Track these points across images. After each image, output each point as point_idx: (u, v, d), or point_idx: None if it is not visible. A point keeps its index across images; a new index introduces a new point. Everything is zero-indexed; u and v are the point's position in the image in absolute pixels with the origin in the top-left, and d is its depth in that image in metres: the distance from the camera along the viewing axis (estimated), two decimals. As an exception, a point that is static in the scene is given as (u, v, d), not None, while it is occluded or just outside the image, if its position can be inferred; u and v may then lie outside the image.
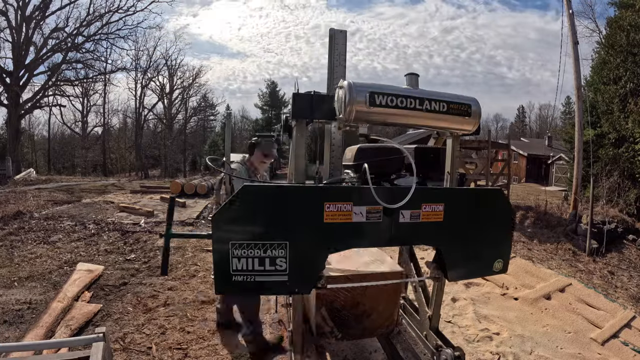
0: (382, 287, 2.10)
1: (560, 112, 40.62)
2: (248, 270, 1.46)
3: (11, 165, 19.15)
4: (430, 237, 1.69)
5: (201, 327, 3.41)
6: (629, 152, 10.61)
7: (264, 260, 1.46)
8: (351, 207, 1.50)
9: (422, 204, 1.59)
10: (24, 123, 31.11)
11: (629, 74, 10.90)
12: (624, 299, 4.98)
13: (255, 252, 1.45)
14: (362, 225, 1.53)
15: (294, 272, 1.49)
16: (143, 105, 37.08)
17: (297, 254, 1.48)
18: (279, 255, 1.46)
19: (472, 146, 12.66)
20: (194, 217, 8.30)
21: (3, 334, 3.14)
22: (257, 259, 1.46)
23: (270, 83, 46.63)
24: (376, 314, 2.16)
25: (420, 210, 1.60)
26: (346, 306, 2.08)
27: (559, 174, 23.24)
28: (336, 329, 2.09)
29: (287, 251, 1.47)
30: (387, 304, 2.18)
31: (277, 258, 1.46)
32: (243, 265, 1.46)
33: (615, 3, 12.50)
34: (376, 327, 2.21)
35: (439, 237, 1.68)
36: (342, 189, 1.60)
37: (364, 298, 2.10)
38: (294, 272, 1.49)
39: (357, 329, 2.15)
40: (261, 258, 1.46)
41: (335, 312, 2.07)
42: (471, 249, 1.74)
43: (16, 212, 8.11)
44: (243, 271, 1.46)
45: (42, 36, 23.21)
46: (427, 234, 1.65)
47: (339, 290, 2.03)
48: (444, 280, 1.93)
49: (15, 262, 4.96)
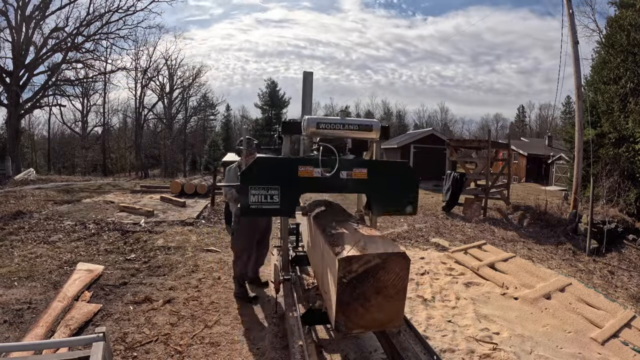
0: (393, 276, 2.06)
1: (560, 112, 40.66)
2: (258, 201, 2.59)
3: (11, 165, 19.16)
4: (360, 187, 2.85)
5: (201, 324, 3.41)
6: (629, 152, 10.60)
7: (266, 196, 2.59)
8: (312, 169, 2.66)
9: (354, 168, 2.74)
10: (24, 123, 31.18)
11: (629, 73, 10.89)
12: (624, 299, 4.97)
13: (262, 191, 2.58)
14: (319, 179, 2.67)
15: (282, 203, 2.62)
16: (143, 105, 37.10)
17: (284, 193, 2.62)
18: (274, 193, 2.60)
19: (472, 146, 12.67)
20: (194, 217, 8.30)
21: (3, 334, 3.14)
22: (262, 195, 2.59)
23: (270, 83, 46.60)
24: (388, 305, 2.11)
25: (352, 171, 2.73)
26: (366, 293, 2.03)
27: (559, 173, 23.23)
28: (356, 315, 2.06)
29: (279, 191, 2.61)
30: (397, 294, 2.13)
31: (273, 195, 2.60)
32: (256, 199, 2.58)
33: (615, 3, 12.49)
34: (385, 321, 2.16)
35: (365, 188, 2.82)
36: (308, 159, 2.77)
37: (380, 283, 2.05)
38: (282, 203, 2.62)
39: (367, 319, 2.11)
40: (264, 195, 2.59)
41: (356, 299, 2.02)
42: (385, 196, 2.82)
43: (16, 212, 8.12)
44: (255, 202, 2.58)
45: (42, 36, 23.19)
46: (357, 185, 2.78)
47: (360, 276, 2.00)
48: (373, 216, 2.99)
49: (15, 262, 4.96)
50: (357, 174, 2.73)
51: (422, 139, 21.83)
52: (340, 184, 2.71)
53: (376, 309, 2.09)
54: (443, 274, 5.12)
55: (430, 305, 4.10)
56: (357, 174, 2.73)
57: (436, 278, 4.93)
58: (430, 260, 5.74)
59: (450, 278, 4.94)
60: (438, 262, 5.64)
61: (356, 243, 2.12)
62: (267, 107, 46.06)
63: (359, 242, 2.15)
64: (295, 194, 2.69)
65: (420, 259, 5.81)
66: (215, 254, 5.74)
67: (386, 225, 8.25)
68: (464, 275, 5.09)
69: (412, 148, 21.06)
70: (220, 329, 3.40)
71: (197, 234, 6.92)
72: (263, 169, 2.58)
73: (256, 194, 2.57)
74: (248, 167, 2.58)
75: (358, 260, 1.99)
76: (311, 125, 2.77)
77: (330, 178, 2.66)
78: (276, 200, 2.60)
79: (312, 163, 2.66)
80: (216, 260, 5.43)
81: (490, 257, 5.63)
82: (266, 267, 5.18)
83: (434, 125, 53.46)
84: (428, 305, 4.07)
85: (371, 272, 2.02)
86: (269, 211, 2.63)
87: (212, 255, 5.68)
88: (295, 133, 3.03)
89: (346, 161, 2.76)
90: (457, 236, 7.70)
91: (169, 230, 7.14)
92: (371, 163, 2.86)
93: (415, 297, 4.25)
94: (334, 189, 2.79)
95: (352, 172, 2.72)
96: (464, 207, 10.19)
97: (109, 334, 2.76)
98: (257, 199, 2.57)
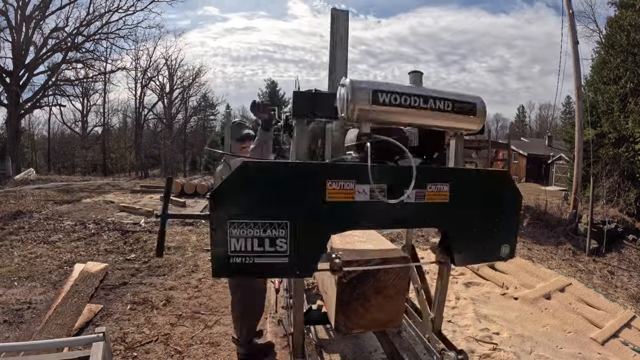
0: (394, 276, 2.06)
1: (560, 112, 40.64)
2: (247, 251, 1.39)
3: (11, 165, 19.16)
4: (435, 219, 1.63)
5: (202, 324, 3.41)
6: (629, 152, 10.61)
7: (263, 241, 1.40)
8: (354, 185, 1.44)
9: (427, 184, 1.54)
10: (24, 123, 31.14)
11: (629, 73, 10.90)
12: (624, 299, 4.97)
13: (255, 231, 1.40)
14: (365, 205, 1.47)
15: (295, 253, 1.43)
16: (143, 105, 37.10)
17: (298, 234, 1.42)
18: (279, 235, 1.41)
19: (472, 146, 12.67)
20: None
21: (3, 334, 3.14)
22: (256, 239, 1.40)
23: (270, 83, 46.62)
24: (388, 305, 2.12)
25: (425, 190, 1.54)
26: (366, 293, 2.02)
27: (559, 173, 23.23)
28: (357, 317, 2.04)
29: (288, 231, 1.41)
30: (397, 294, 2.14)
31: (277, 238, 1.41)
32: (242, 246, 1.39)
33: (615, 3, 12.50)
34: (385, 321, 2.16)
35: (445, 219, 1.62)
36: (345, 166, 1.50)
37: (380, 283, 2.04)
38: (295, 254, 1.42)
39: (367, 320, 2.11)
40: (261, 238, 1.40)
41: (356, 299, 2.02)
42: (478, 231, 1.67)
43: (16, 212, 8.12)
44: (242, 252, 1.39)
45: (42, 36, 23.20)
46: (432, 214, 1.60)
47: (360, 276, 1.99)
48: (449, 266, 1.91)
49: (15, 262, 4.96)
50: (433, 196, 1.56)
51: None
52: (403, 214, 1.55)
53: (376, 309, 2.09)
54: (443, 274, 5.12)
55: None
56: (434, 196, 1.56)
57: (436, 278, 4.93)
58: (430, 260, 5.74)
59: (450, 278, 4.94)
60: (438, 262, 5.64)
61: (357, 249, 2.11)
62: (267, 107, 45.94)
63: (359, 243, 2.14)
64: (320, 236, 1.47)
65: (420, 259, 5.81)
66: (215, 254, 5.74)
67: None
68: (463, 275, 5.09)
69: (412, 148, 20.98)
70: (220, 329, 3.40)
71: (197, 234, 6.92)
72: (256, 184, 1.40)
73: (242, 235, 1.39)
74: (226, 180, 1.39)
75: (358, 260, 1.99)
76: (361, 96, 1.43)
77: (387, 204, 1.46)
78: (282, 248, 1.43)
79: (354, 174, 1.46)
80: (216, 260, 5.42)
81: (490, 257, 5.63)
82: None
83: (434, 125, 53.33)
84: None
85: (371, 273, 2.02)
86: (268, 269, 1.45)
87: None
88: (320, 116, 1.68)
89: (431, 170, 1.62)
90: (457, 236, 7.70)
91: (169, 230, 7.14)
92: (455, 173, 1.66)
93: (415, 297, 4.25)
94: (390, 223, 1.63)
95: (425, 190, 1.55)
96: (464, 207, 10.19)
97: (109, 334, 2.76)
98: (244, 246, 1.40)
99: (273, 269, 1.45)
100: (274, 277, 2.82)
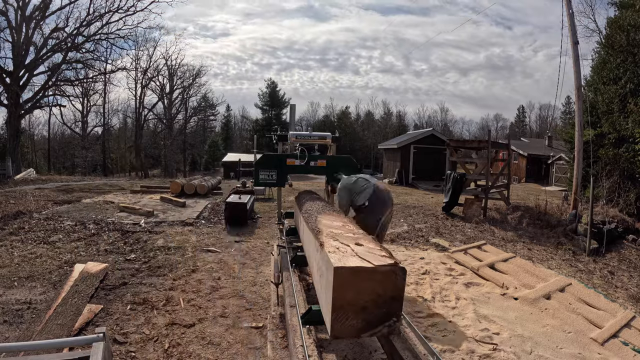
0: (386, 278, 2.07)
1: (560, 112, 40.66)
2: (264, 178, 4.84)
3: (11, 165, 19.16)
4: (320, 171, 4.92)
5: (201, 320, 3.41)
6: (629, 152, 10.58)
7: (269, 175, 4.83)
8: (294, 160, 4.86)
9: (318, 160, 4.86)
10: (24, 123, 31.19)
11: (629, 74, 10.87)
12: (624, 299, 4.97)
13: (266, 172, 4.84)
14: (298, 166, 4.87)
15: (278, 179, 4.87)
16: (143, 105, 37.14)
17: (278, 173, 4.84)
18: (273, 173, 4.83)
19: (472, 146, 12.66)
20: (194, 217, 8.30)
21: (3, 334, 3.14)
22: (266, 174, 4.83)
23: (270, 83, 46.62)
24: (384, 305, 2.11)
25: (317, 161, 4.86)
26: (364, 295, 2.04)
27: (559, 174, 23.22)
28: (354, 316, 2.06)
29: (276, 173, 4.83)
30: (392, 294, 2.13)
31: (272, 174, 4.83)
32: (263, 177, 4.84)
33: (615, 3, 12.49)
34: (379, 322, 2.15)
35: (324, 171, 4.90)
36: (292, 154, 4.95)
37: (373, 284, 2.05)
38: (278, 179, 4.87)
39: (360, 320, 2.10)
40: (267, 174, 4.83)
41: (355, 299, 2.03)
42: (336, 174, 4.54)
43: (16, 212, 8.11)
44: (263, 179, 4.85)
45: (42, 36, 23.21)
46: (320, 170, 4.88)
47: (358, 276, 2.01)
48: (327, 185, 5.14)
49: (15, 262, 4.96)
50: (320, 163, 4.86)
51: (422, 139, 21.80)
52: (310, 169, 4.87)
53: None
54: (443, 274, 5.11)
55: (430, 305, 4.10)
56: (320, 163, 4.86)
57: (436, 278, 4.93)
58: (430, 260, 5.74)
59: (450, 278, 4.94)
60: (438, 262, 5.64)
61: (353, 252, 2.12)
62: (267, 108, 46.08)
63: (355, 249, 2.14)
64: (285, 174, 4.94)
65: (420, 259, 5.81)
66: (215, 254, 5.75)
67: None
68: (464, 275, 5.09)
69: (412, 148, 21.03)
70: (220, 329, 3.40)
71: (197, 234, 6.92)
72: (268, 160, 4.88)
73: (263, 173, 4.80)
74: (259, 159, 4.91)
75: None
76: (292, 137, 5.21)
77: (304, 165, 4.83)
78: (274, 177, 4.83)
79: (294, 157, 4.88)
80: (216, 260, 5.43)
81: (490, 258, 5.63)
82: (266, 267, 5.18)
83: (434, 126, 53.53)
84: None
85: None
86: (271, 184, 4.94)
87: (212, 255, 5.68)
88: (285, 140, 5.33)
89: (314, 156, 4.89)
90: (457, 236, 7.70)
91: (169, 230, 7.14)
92: (328, 157, 5.01)
93: (416, 297, 4.25)
94: (307, 172, 4.96)
95: (317, 162, 4.86)
96: (464, 208, 10.18)
97: (109, 334, 2.76)
98: (264, 177, 4.80)
99: (270, 183, 4.95)
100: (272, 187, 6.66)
